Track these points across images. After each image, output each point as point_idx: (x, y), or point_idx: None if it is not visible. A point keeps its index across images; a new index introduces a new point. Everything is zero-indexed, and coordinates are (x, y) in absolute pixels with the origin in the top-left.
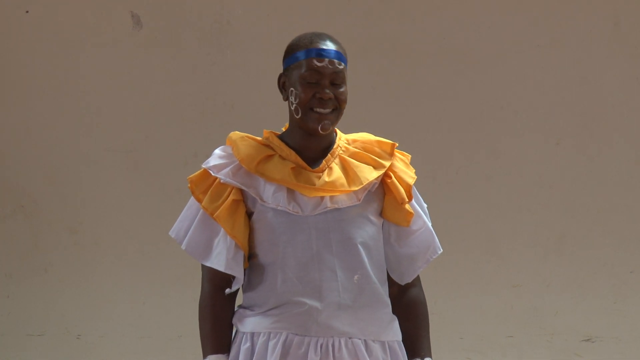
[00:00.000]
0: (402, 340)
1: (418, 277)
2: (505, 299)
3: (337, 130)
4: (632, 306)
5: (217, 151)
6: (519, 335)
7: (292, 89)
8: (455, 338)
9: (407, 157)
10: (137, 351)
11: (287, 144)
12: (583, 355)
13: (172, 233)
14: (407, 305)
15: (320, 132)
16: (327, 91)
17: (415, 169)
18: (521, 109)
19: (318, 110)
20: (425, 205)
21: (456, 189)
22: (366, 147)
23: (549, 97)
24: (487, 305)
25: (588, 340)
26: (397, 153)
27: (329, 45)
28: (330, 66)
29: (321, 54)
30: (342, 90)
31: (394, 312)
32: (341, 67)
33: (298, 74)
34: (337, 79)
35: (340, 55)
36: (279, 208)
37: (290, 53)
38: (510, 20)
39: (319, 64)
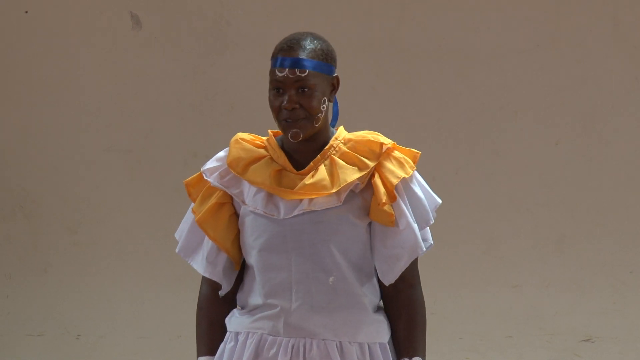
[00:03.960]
0: (395, 340)
1: (416, 276)
2: (505, 299)
3: (341, 129)
4: (632, 306)
5: (219, 154)
6: (518, 335)
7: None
8: (454, 338)
9: (412, 154)
10: (137, 351)
11: (283, 145)
12: (582, 355)
13: (177, 235)
14: (400, 305)
15: (292, 140)
16: (290, 101)
17: (417, 167)
18: (521, 109)
19: (287, 119)
20: (437, 202)
21: (456, 189)
22: (356, 147)
23: (549, 97)
24: (487, 305)
25: (587, 340)
26: (397, 151)
27: (293, 53)
28: (290, 75)
29: (281, 63)
30: (310, 96)
31: (388, 311)
32: (304, 74)
33: (269, 83)
34: (303, 86)
35: (305, 62)
36: (256, 211)
37: (271, 59)
38: (510, 20)
39: (279, 74)
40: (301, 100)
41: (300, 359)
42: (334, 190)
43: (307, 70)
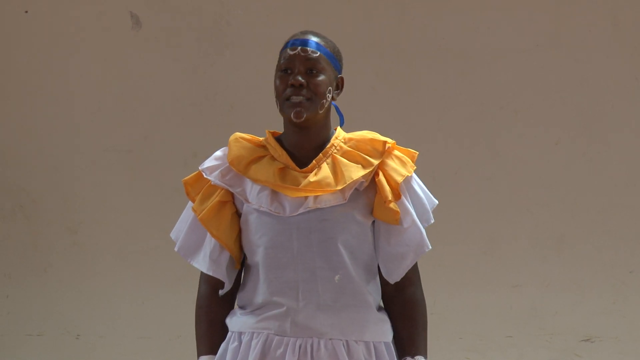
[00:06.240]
0: (397, 340)
1: (417, 275)
2: (505, 299)
3: (339, 129)
4: (632, 306)
5: (216, 153)
6: (518, 335)
7: (274, 83)
8: (454, 338)
9: (410, 154)
10: (137, 351)
11: (282, 143)
12: (582, 355)
13: (172, 235)
14: (403, 304)
15: (294, 119)
16: (299, 78)
17: (416, 167)
18: (521, 108)
19: (291, 99)
20: (434, 202)
21: (456, 189)
22: (358, 146)
23: (549, 96)
24: (487, 305)
25: (587, 340)
26: (396, 151)
27: (306, 36)
28: (302, 53)
29: (294, 43)
30: (318, 79)
31: (389, 310)
32: (315, 55)
33: (276, 67)
34: (312, 67)
35: (318, 45)
36: (261, 209)
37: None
38: (510, 20)
39: (291, 52)
40: (309, 80)
41: (308, 359)
42: (339, 188)
43: (319, 53)
